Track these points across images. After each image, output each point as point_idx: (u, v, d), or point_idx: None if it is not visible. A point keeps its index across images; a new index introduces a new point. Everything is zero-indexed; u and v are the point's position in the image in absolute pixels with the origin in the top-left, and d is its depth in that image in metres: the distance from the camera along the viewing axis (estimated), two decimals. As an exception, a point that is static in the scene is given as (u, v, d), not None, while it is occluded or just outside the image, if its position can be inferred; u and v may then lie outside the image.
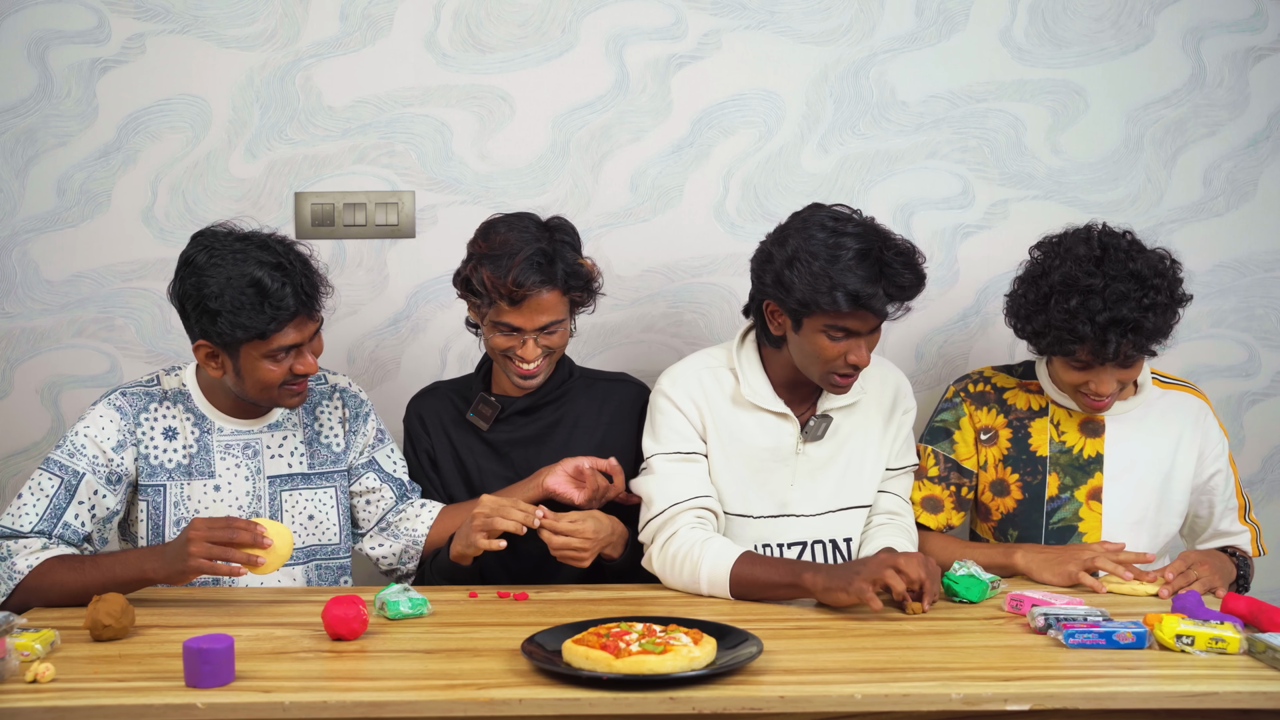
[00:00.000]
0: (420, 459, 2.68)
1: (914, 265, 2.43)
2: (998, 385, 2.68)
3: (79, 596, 2.28)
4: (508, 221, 2.58)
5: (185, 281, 2.40)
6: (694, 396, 2.57)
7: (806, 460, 2.57)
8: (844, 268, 2.37)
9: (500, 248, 2.51)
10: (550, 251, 2.52)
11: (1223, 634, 2.00)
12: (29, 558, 2.35)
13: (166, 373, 2.56)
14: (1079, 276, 2.42)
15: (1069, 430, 2.61)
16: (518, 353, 2.55)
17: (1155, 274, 2.43)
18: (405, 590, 2.27)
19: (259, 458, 2.54)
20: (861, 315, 2.40)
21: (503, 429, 2.65)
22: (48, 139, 3.07)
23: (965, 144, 3.10)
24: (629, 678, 1.86)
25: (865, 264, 2.38)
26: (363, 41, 3.07)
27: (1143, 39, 3.09)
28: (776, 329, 2.51)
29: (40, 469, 2.44)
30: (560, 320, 2.56)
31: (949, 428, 2.67)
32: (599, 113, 3.09)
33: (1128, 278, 2.41)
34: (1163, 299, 2.42)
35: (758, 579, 2.35)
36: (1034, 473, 2.61)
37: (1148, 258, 2.46)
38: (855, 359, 2.43)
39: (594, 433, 2.66)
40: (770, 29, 3.08)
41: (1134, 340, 2.40)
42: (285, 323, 2.38)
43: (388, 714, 1.84)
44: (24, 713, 1.84)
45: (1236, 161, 3.11)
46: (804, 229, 2.43)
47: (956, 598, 2.32)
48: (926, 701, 1.85)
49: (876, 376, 2.64)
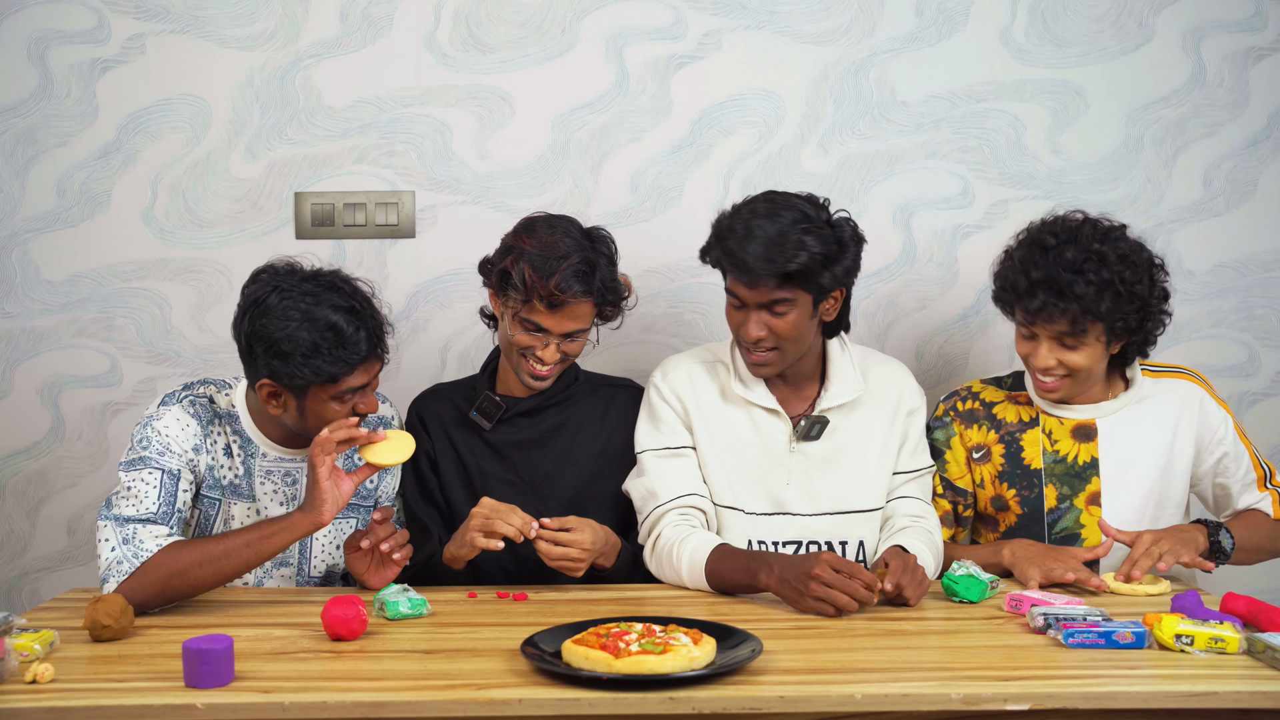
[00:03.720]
0: (420, 459, 2.66)
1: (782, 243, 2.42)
2: (986, 400, 2.67)
3: (210, 565, 2.31)
4: (550, 223, 2.57)
5: (255, 322, 2.37)
6: (679, 390, 2.58)
7: (803, 459, 2.56)
8: (727, 227, 2.48)
9: (548, 249, 2.50)
10: (593, 261, 2.53)
11: (1222, 634, 2.00)
12: (157, 539, 2.34)
13: (219, 390, 2.55)
14: (1044, 237, 2.49)
15: (1061, 438, 2.60)
16: (537, 353, 2.55)
17: (1119, 259, 2.44)
18: (405, 590, 2.28)
19: (296, 485, 2.54)
20: (746, 281, 2.44)
21: (505, 430, 2.65)
22: (48, 139, 3.07)
23: (965, 144, 3.10)
24: (629, 678, 1.86)
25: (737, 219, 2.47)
26: (363, 41, 3.07)
27: (1143, 39, 3.09)
28: None
29: (130, 470, 2.40)
30: (585, 329, 2.58)
31: (940, 447, 2.67)
32: (599, 113, 3.09)
33: (1083, 250, 2.44)
34: (1116, 285, 2.42)
35: (725, 576, 2.38)
36: (1030, 486, 2.60)
37: (1120, 245, 2.46)
38: (745, 331, 2.48)
39: (596, 438, 2.67)
40: (770, 29, 3.08)
41: (1062, 307, 2.41)
42: (356, 366, 2.38)
43: (388, 714, 1.84)
44: (23, 713, 1.84)
45: (1236, 161, 3.11)
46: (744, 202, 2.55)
47: (956, 598, 2.32)
48: (926, 701, 1.85)
49: (881, 375, 2.64)
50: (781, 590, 2.28)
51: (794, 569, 2.26)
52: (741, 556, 2.39)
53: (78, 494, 3.12)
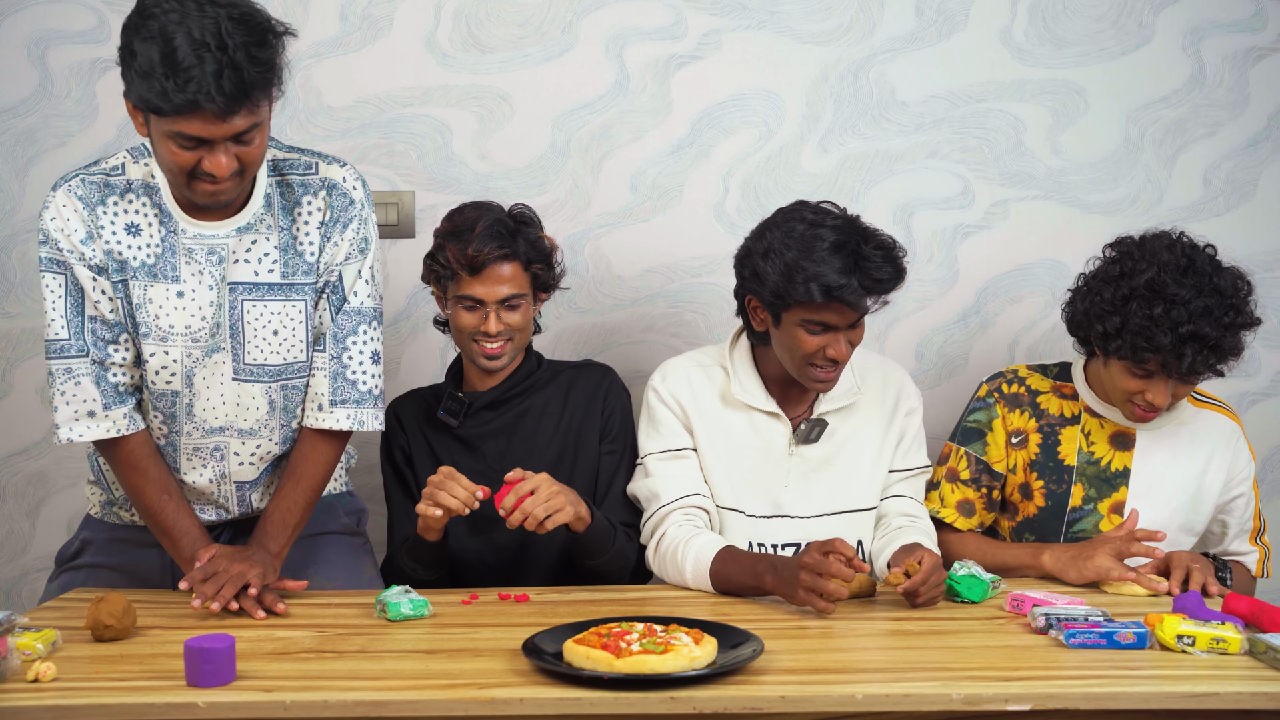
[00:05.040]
0: (395, 455, 2.71)
1: (893, 259, 2.41)
2: (1032, 387, 2.65)
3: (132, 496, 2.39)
4: (473, 204, 2.66)
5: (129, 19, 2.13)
6: (677, 393, 2.58)
7: (801, 461, 2.57)
8: (818, 259, 2.37)
9: (462, 223, 2.58)
10: (511, 226, 2.59)
11: (1224, 634, 2.00)
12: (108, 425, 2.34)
13: (135, 159, 2.33)
14: (1167, 283, 2.39)
15: (1099, 441, 2.60)
16: (482, 329, 2.58)
17: (1234, 292, 2.41)
18: (406, 592, 2.28)
19: (223, 265, 2.33)
20: (837, 308, 2.39)
21: (473, 424, 2.68)
22: (48, 139, 3.07)
23: (965, 144, 3.10)
24: (630, 677, 1.86)
25: (840, 255, 2.37)
26: (363, 41, 3.07)
27: (1143, 39, 3.09)
28: (759, 325, 2.51)
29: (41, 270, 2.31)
30: (522, 295, 2.59)
31: (981, 429, 2.64)
32: (599, 113, 3.09)
33: (1212, 292, 2.38)
34: (1241, 319, 2.41)
35: (730, 578, 2.38)
36: (1060, 481, 2.60)
37: (1228, 274, 2.43)
38: (834, 353, 2.43)
39: (560, 419, 2.69)
40: (770, 29, 3.08)
41: (1207, 358, 2.38)
42: (187, 111, 2.08)
43: (388, 714, 1.84)
44: (25, 712, 1.84)
45: (1236, 161, 3.11)
46: (784, 223, 2.45)
47: (958, 598, 2.32)
48: (927, 701, 1.85)
49: (878, 376, 2.64)
50: (780, 589, 2.28)
51: (789, 565, 2.27)
52: (747, 559, 2.38)
53: (77, 494, 3.12)
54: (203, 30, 2.07)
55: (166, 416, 2.42)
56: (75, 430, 2.36)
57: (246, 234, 2.35)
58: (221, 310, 2.36)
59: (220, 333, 2.36)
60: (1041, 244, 3.11)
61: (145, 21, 2.10)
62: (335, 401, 2.43)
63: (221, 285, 2.34)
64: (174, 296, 2.33)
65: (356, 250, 2.41)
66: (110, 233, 2.31)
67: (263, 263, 2.36)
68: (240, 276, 2.35)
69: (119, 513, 2.58)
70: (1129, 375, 2.46)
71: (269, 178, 2.37)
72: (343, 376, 2.43)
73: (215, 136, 2.13)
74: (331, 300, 2.42)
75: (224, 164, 2.17)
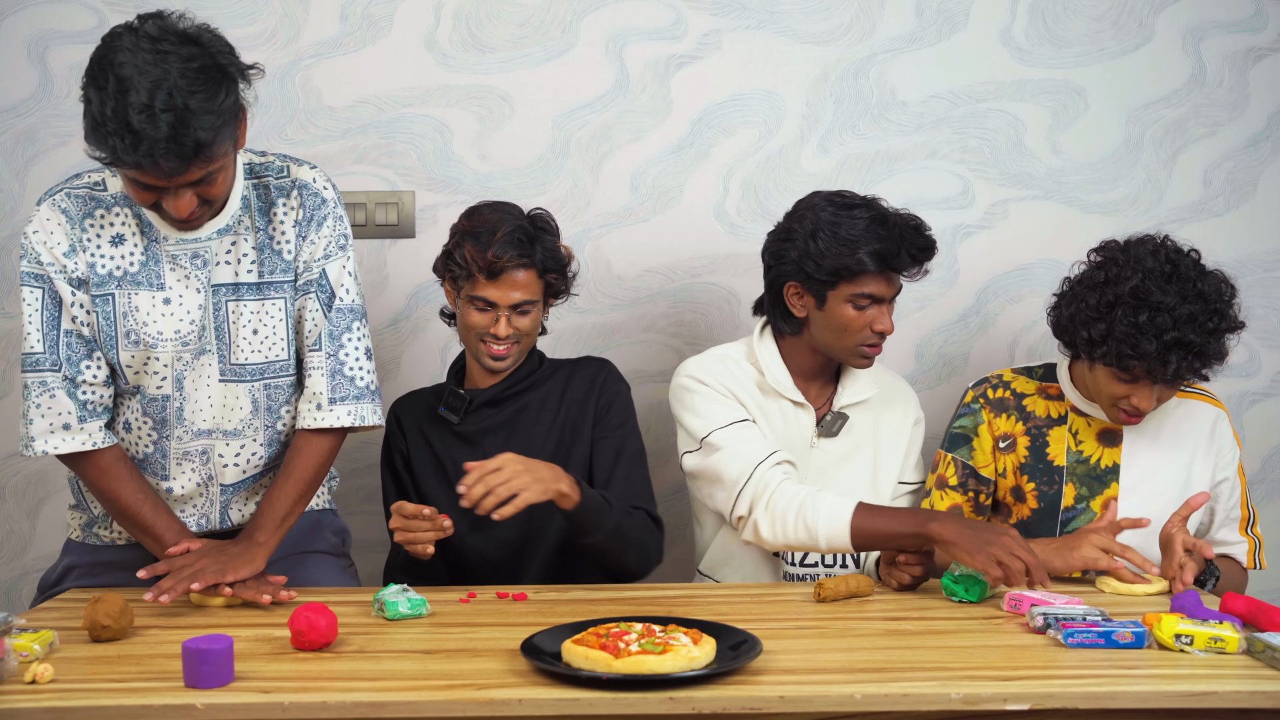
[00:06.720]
0: (394, 458, 2.72)
1: (924, 230, 2.56)
2: (1017, 390, 2.65)
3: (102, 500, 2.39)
4: (492, 205, 2.66)
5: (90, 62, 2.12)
6: (719, 377, 2.61)
7: (820, 455, 2.61)
8: (866, 231, 2.50)
9: (482, 225, 2.58)
10: (531, 233, 2.59)
11: (1222, 634, 2.00)
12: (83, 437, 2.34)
13: (114, 174, 2.34)
14: (1151, 290, 2.39)
15: (1086, 440, 2.60)
16: (491, 331, 2.59)
17: (1218, 297, 2.41)
18: (404, 591, 2.28)
19: (207, 268, 2.35)
20: (887, 277, 2.52)
21: (474, 421, 2.69)
22: (48, 139, 3.07)
23: (965, 144, 3.10)
24: (629, 678, 1.86)
25: (884, 227, 2.51)
26: (363, 41, 3.07)
27: (1143, 39, 3.09)
28: (800, 310, 2.58)
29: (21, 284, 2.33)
30: (534, 302, 2.60)
31: (967, 434, 2.65)
32: (599, 113, 3.09)
33: (1196, 298, 2.38)
34: (1225, 325, 2.40)
35: (880, 530, 2.39)
36: (1051, 482, 2.60)
37: (1212, 279, 2.43)
38: (881, 326, 2.54)
39: (557, 413, 2.69)
40: (770, 29, 3.08)
41: (1192, 363, 2.39)
42: (133, 168, 2.09)
43: (388, 714, 1.84)
44: (23, 713, 1.84)
45: (1236, 161, 3.11)
46: (813, 208, 2.57)
47: (956, 598, 2.32)
48: (926, 701, 1.85)
49: (888, 381, 2.72)
50: (960, 537, 2.29)
51: (976, 524, 2.32)
52: (897, 510, 2.45)
53: (78, 494, 3.12)
54: (154, 86, 2.06)
55: (157, 422, 2.43)
56: (50, 443, 2.37)
57: (226, 235, 2.37)
58: (207, 313, 2.38)
59: (206, 335, 2.39)
60: (1041, 244, 3.11)
61: (101, 67, 2.10)
62: (335, 399, 2.44)
63: (208, 288, 2.37)
64: (160, 304, 2.36)
65: (336, 246, 2.43)
66: (95, 246, 2.33)
67: (242, 263, 2.38)
68: (222, 278, 2.38)
69: (99, 532, 2.58)
70: (1114, 380, 2.46)
71: (245, 180, 2.39)
72: (341, 373, 2.45)
73: (171, 186, 2.16)
74: (320, 298, 2.43)
75: (183, 205, 2.19)
